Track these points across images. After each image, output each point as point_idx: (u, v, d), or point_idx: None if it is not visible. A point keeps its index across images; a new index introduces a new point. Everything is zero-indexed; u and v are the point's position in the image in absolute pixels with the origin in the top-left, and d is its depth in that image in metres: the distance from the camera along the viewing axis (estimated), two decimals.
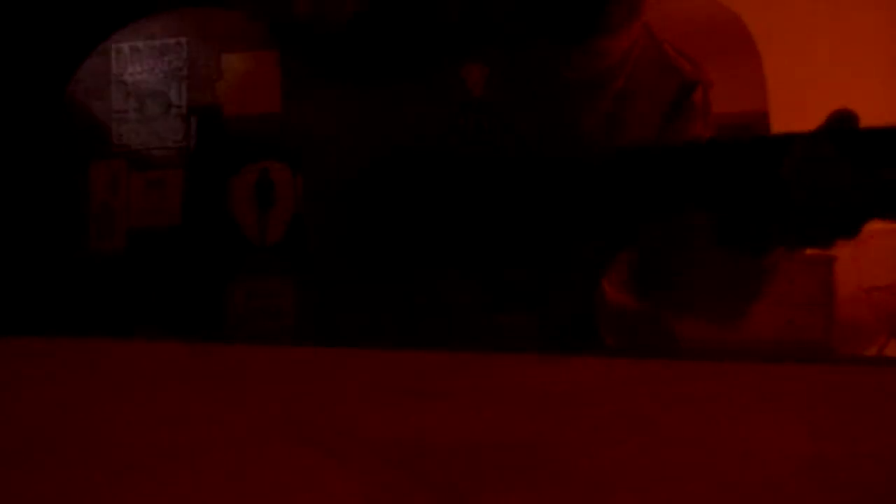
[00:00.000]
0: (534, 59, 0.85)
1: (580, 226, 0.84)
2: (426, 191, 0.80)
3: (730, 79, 0.85)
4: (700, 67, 0.87)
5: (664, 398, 0.42)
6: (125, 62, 0.88)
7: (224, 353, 0.55)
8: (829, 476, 0.28)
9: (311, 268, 0.81)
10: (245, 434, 0.32)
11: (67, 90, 0.89)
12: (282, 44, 0.83)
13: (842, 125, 0.74)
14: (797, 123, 0.82)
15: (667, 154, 0.83)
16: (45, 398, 0.38)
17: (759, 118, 2.71)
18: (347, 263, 0.81)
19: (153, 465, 0.27)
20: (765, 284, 0.88)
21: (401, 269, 0.81)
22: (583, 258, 0.89)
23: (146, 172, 0.84)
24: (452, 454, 0.29)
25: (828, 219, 0.74)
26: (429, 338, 0.79)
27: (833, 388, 0.48)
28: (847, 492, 0.26)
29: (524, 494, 0.25)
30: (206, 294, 0.81)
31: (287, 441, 0.30)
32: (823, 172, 0.73)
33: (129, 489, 0.25)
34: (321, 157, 0.82)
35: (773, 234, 0.78)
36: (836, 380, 0.51)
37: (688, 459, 0.29)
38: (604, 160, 0.82)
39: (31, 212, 0.88)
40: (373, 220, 0.81)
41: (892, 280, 3.62)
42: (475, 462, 0.28)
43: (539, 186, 0.82)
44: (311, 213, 0.81)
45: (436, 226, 0.81)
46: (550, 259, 0.86)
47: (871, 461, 0.30)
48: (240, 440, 0.31)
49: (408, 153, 0.82)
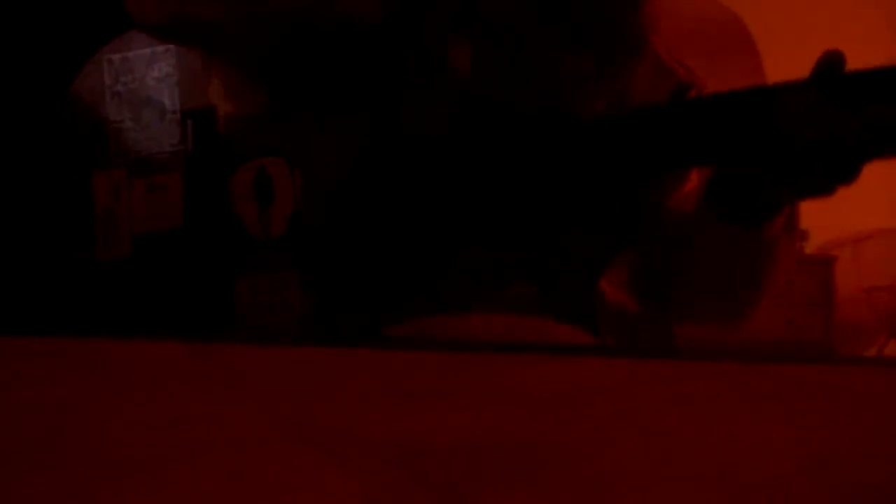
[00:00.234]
0: (520, 40, 0.85)
1: (581, 191, 0.84)
2: (424, 173, 0.80)
3: (730, 79, 0.85)
4: (693, 72, 0.88)
5: (664, 398, 0.42)
6: (117, 73, 0.89)
7: (224, 353, 0.55)
8: (829, 476, 0.28)
9: (314, 262, 0.81)
10: (245, 434, 0.32)
11: (64, 103, 0.90)
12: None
13: (830, 69, 0.75)
14: None
15: (658, 113, 0.83)
16: (45, 398, 0.38)
17: None
18: (348, 255, 0.81)
19: (153, 465, 0.27)
20: (767, 275, 0.87)
21: (403, 256, 0.81)
22: (584, 231, 0.90)
23: (146, 178, 0.84)
24: (452, 454, 0.29)
25: (824, 165, 0.75)
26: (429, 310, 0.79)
27: (833, 388, 0.48)
28: (847, 492, 0.26)
29: (524, 494, 0.25)
30: (215, 292, 0.81)
31: (287, 441, 0.30)
32: (815, 119, 0.73)
33: (129, 489, 0.25)
34: (314, 151, 0.82)
35: (771, 191, 0.79)
36: (836, 380, 0.51)
37: (688, 459, 0.29)
38: (596, 126, 0.83)
39: (37, 223, 0.89)
40: (371, 208, 0.81)
41: (892, 280, 3.62)
42: (475, 462, 0.28)
43: (538, 154, 0.83)
44: (309, 208, 0.81)
45: (438, 206, 0.81)
46: (554, 230, 0.87)
47: (871, 461, 0.30)
48: (240, 440, 0.31)
49: (402, 141, 0.82)
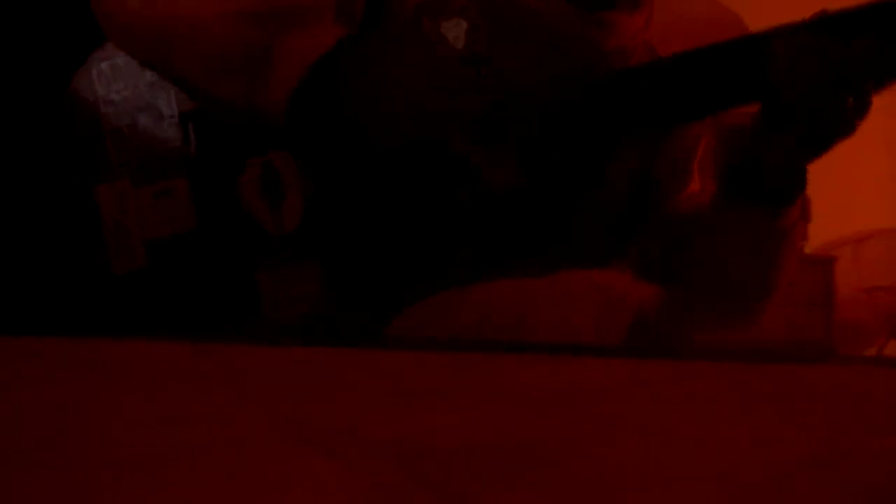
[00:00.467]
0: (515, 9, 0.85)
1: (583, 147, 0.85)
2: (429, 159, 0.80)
3: None
4: None
5: (664, 398, 0.42)
6: (108, 81, 0.88)
7: (224, 353, 0.55)
8: (829, 476, 0.28)
9: (332, 251, 0.81)
10: (245, 434, 0.32)
11: (59, 119, 0.89)
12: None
13: (820, 12, 0.75)
14: None
15: (647, 71, 0.84)
16: (45, 398, 0.38)
17: None
18: (362, 243, 0.81)
19: (153, 465, 0.27)
20: (783, 264, 0.87)
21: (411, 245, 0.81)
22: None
23: (152, 186, 0.84)
24: (452, 454, 0.29)
25: (826, 111, 0.75)
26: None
27: (833, 388, 0.48)
28: (847, 492, 0.26)
29: (524, 494, 0.25)
30: (236, 291, 0.81)
31: (287, 441, 0.30)
32: (810, 64, 0.74)
33: (129, 489, 0.25)
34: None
35: (792, 163, 0.79)
36: (836, 380, 0.51)
37: (688, 459, 0.29)
38: (601, 83, 0.83)
39: (47, 243, 0.89)
40: (381, 199, 0.81)
41: (892, 280, 3.62)
42: (475, 462, 0.28)
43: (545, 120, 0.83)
44: (318, 202, 0.81)
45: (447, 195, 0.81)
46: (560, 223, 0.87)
47: (871, 461, 0.30)
48: (240, 440, 0.31)
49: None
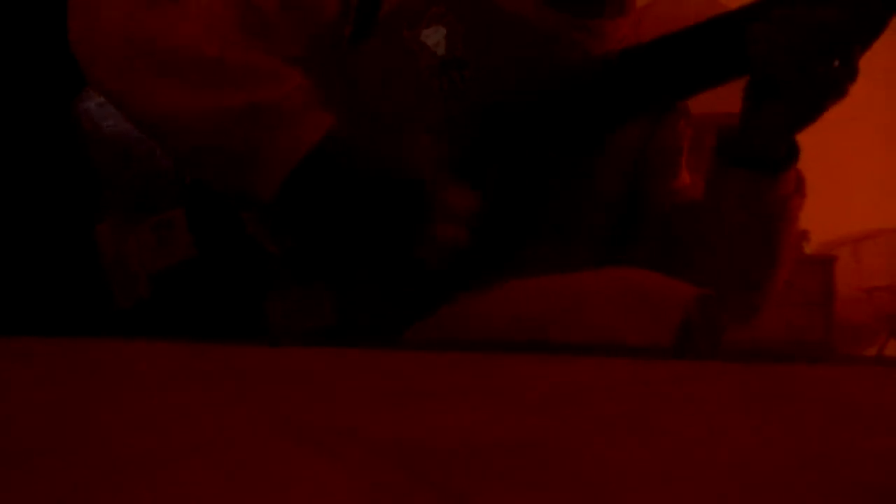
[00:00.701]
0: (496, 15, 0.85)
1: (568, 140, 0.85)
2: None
3: None
4: None
5: (664, 398, 0.42)
6: (95, 120, 0.88)
7: (224, 353, 0.55)
8: (829, 476, 0.28)
9: (335, 267, 0.81)
10: (245, 434, 0.32)
11: (50, 161, 0.89)
12: None
13: None
14: None
15: (632, 56, 0.84)
16: (45, 398, 0.38)
17: None
18: (363, 259, 0.81)
19: (153, 465, 0.27)
20: (783, 237, 0.86)
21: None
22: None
23: (150, 218, 0.83)
24: (452, 454, 0.29)
25: (812, 79, 0.75)
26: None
27: (833, 388, 0.48)
28: (847, 492, 0.26)
29: (524, 494, 0.25)
30: (245, 313, 0.81)
31: (287, 441, 0.30)
32: (786, 36, 0.74)
33: (129, 489, 0.25)
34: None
35: (771, 122, 0.79)
36: (836, 380, 0.51)
37: (688, 459, 0.29)
38: (576, 76, 0.83)
39: (51, 285, 0.88)
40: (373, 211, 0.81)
41: (892, 280, 3.62)
42: (475, 462, 0.28)
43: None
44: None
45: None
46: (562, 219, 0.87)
47: (871, 461, 0.30)
48: (240, 440, 0.31)
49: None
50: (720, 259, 0.87)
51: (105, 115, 0.87)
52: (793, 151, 0.84)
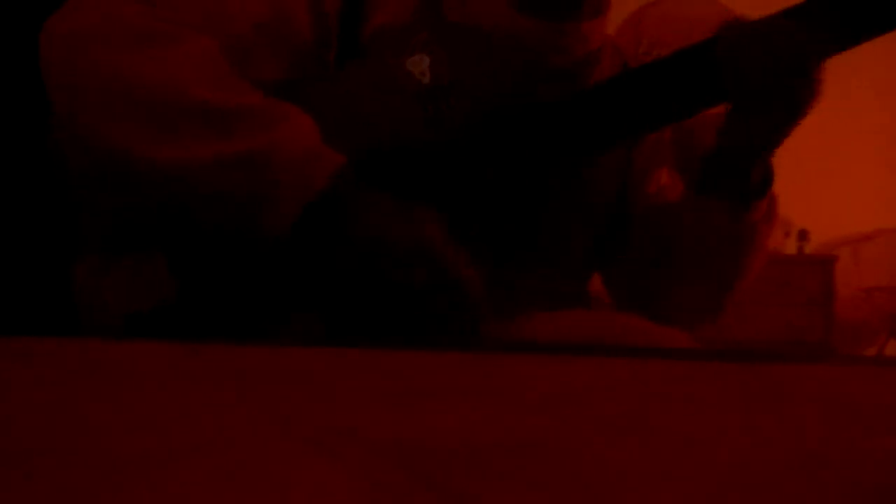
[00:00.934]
0: (478, 40, 0.85)
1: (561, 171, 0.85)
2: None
3: None
4: None
5: (664, 398, 0.42)
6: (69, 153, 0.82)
7: (224, 353, 0.55)
8: (829, 476, 0.28)
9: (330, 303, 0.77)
10: (245, 434, 0.32)
11: (27, 193, 0.86)
12: None
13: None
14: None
15: (607, 88, 0.84)
16: (45, 398, 0.38)
17: None
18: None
19: (153, 465, 0.27)
20: (748, 260, 0.89)
21: None
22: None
23: (128, 258, 0.79)
24: (452, 454, 0.29)
25: (787, 92, 0.76)
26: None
27: (833, 388, 0.48)
28: (847, 492, 0.26)
29: (524, 494, 0.25)
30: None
31: (287, 441, 0.30)
32: (755, 58, 0.75)
33: (129, 489, 0.25)
34: None
35: (753, 138, 0.80)
36: (836, 380, 0.51)
37: (688, 459, 0.29)
38: (564, 102, 0.83)
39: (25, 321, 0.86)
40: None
41: (892, 280, 3.62)
42: (475, 462, 0.28)
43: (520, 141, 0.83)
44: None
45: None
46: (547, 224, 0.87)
47: (871, 461, 0.30)
48: (240, 440, 0.31)
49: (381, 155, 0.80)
50: (685, 271, 0.90)
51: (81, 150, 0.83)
52: (768, 178, 0.85)
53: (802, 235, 3.70)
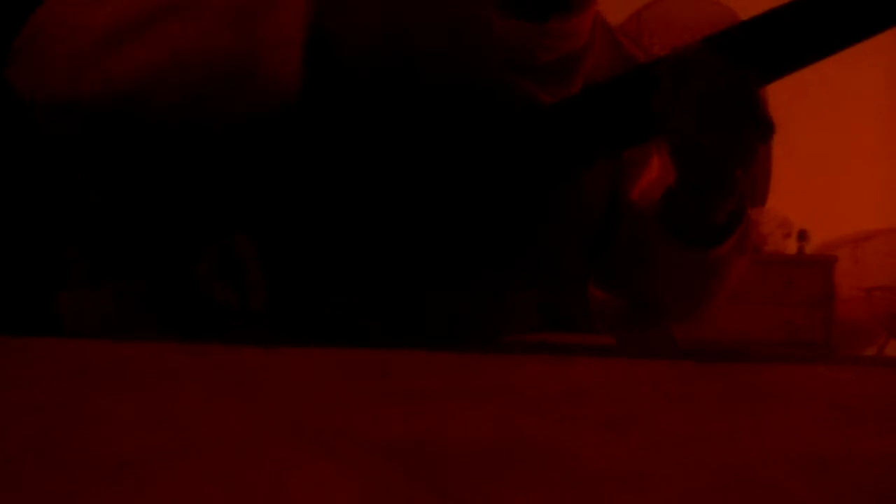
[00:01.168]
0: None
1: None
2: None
3: None
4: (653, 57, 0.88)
5: (664, 398, 0.42)
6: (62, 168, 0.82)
7: (224, 353, 0.55)
8: (829, 476, 0.28)
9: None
10: (244, 434, 0.32)
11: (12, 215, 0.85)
12: None
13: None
14: (797, 119, 0.83)
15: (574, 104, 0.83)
16: (45, 398, 0.38)
17: None
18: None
19: (152, 465, 0.27)
20: (715, 288, 0.89)
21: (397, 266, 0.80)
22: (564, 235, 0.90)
23: (110, 284, 0.78)
24: (452, 454, 0.29)
25: (719, 121, 0.74)
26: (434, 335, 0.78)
27: (833, 388, 0.48)
28: (847, 492, 0.26)
29: (524, 494, 0.25)
30: None
31: (286, 441, 0.30)
32: (691, 87, 0.74)
33: (129, 489, 0.25)
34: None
35: (698, 203, 0.79)
36: (836, 380, 0.51)
37: (688, 459, 0.29)
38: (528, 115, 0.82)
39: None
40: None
41: (892, 280, 3.62)
42: (475, 462, 0.28)
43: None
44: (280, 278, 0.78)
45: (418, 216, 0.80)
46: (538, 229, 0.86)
47: (871, 461, 0.30)
48: (239, 440, 0.31)
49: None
50: (657, 284, 0.90)
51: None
52: (739, 212, 0.84)
53: (802, 235, 3.70)
